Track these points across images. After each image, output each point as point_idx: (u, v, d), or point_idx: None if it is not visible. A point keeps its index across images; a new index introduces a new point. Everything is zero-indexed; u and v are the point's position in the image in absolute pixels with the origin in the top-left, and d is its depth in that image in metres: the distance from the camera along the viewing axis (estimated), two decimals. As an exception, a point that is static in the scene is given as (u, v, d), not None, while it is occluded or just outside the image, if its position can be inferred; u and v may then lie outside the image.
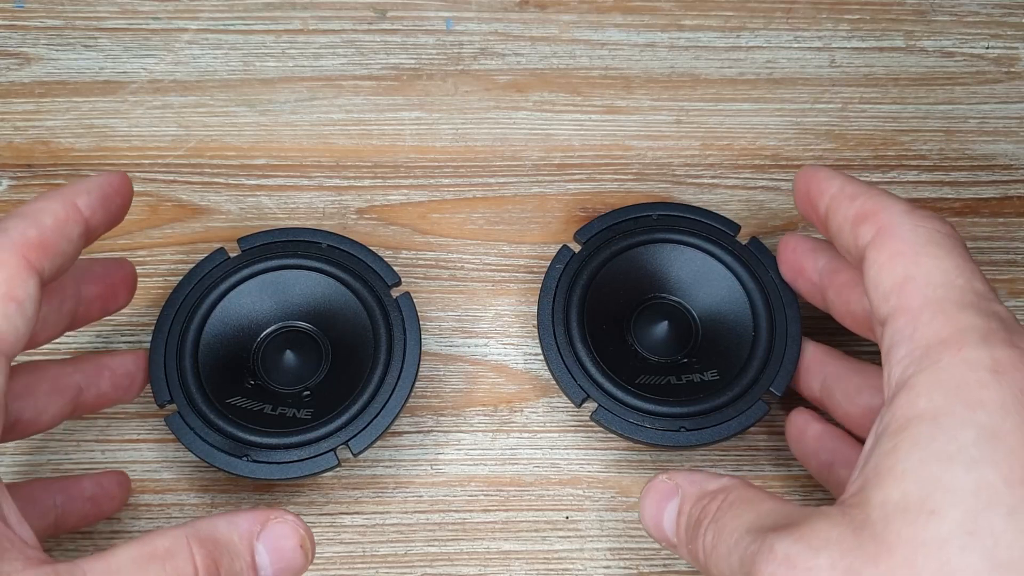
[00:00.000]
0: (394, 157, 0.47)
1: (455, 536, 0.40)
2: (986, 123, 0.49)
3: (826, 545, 0.26)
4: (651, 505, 0.33)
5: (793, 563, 0.26)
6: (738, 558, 0.28)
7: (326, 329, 0.41)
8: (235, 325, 0.40)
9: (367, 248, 0.41)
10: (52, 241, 0.30)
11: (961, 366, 0.27)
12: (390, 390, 0.38)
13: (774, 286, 0.40)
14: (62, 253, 0.31)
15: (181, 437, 0.37)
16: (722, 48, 0.49)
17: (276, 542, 0.29)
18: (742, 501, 0.30)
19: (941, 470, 0.26)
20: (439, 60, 0.49)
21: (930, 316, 0.29)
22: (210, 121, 0.47)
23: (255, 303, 0.40)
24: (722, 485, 0.31)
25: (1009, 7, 0.51)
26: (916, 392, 0.28)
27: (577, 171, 0.47)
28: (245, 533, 0.29)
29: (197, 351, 0.38)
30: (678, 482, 0.33)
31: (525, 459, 0.42)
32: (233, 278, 0.40)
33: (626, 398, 0.38)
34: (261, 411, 0.38)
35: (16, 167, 0.46)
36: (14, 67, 0.48)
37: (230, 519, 0.29)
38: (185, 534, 0.28)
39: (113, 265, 0.38)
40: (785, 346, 0.39)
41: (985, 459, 0.26)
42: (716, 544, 0.30)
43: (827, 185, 0.34)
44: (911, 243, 0.31)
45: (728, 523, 0.30)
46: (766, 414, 0.38)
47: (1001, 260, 0.46)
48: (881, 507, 0.26)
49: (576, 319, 0.40)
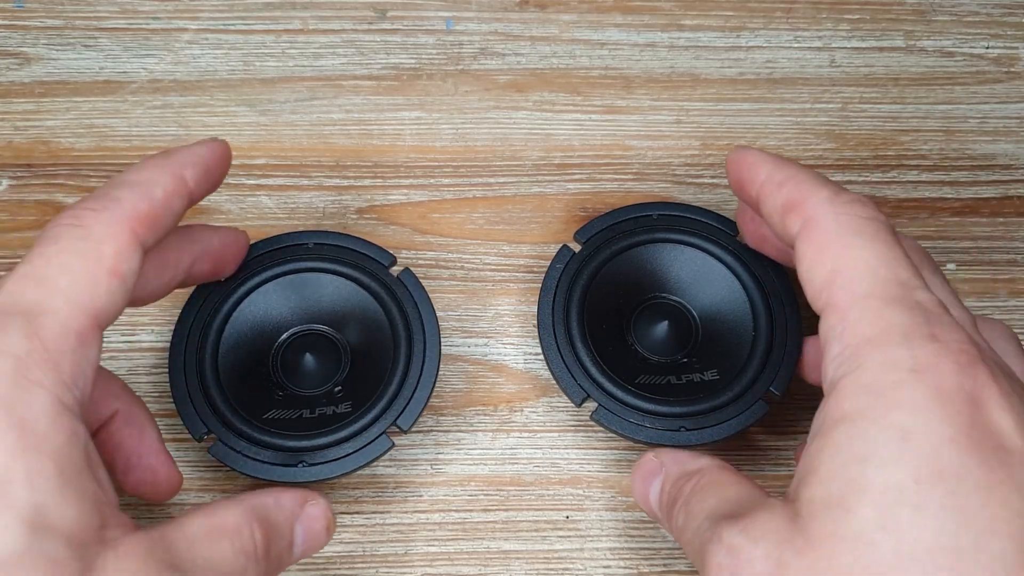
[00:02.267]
0: (394, 157, 0.47)
1: (455, 536, 0.40)
2: (986, 123, 0.49)
3: (764, 536, 0.28)
4: (639, 482, 0.35)
5: (736, 553, 0.29)
6: (699, 542, 0.31)
7: (338, 324, 0.41)
8: (248, 344, 0.40)
9: (353, 236, 0.41)
10: (160, 215, 0.31)
11: (882, 367, 0.29)
12: (420, 362, 0.39)
13: (774, 285, 0.40)
14: (165, 226, 0.32)
15: (230, 463, 0.37)
16: (722, 48, 0.49)
17: (310, 523, 0.33)
18: (711, 485, 0.32)
19: (857, 471, 0.28)
20: (439, 60, 0.49)
21: (857, 314, 0.30)
22: (210, 121, 0.48)
23: (261, 318, 0.40)
24: (699, 467, 0.33)
25: (1009, 7, 0.51)
26: (842, 395, 0.29)
27: (577, 171, 0.47)
28: (289, 515, 0.32)
29: (219, 377, 0.38)
30: (663, 460, 0.35)
31: (525, 459, 0.42)
32: (231, 300, 0.39)
33: (626, 398, 0.38)
34: (300, 417, 0.38)
35: (16, 167, 0.46)
36: (14, 67, 0.48)
37: (277, 500, 0.32)
38: (247, 512, 0.30)
39: (230, 240, 0.39)
40: (785, 345, 0.39)
41: (896, 459, 0.27)
42: (685, 526, 0.32)
43: (757, 171, 0.35)
44: (835, 234, 0.31)
45: (695, 507, 0.32)
46: (766, 414, 0.38)
47: (1001, 260, 0.46)
48: (808, 504, 0.28)
49: (576, 319, 0.40)
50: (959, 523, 0.27)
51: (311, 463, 0.37)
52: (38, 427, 0.27)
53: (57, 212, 0.45)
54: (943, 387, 0.28)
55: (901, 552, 0.26)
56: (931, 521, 0.27)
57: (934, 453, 0.27)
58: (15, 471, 0.26)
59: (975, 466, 0.27)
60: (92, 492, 0.27)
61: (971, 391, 0.28)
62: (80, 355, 0.28)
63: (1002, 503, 0.27)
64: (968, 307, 0.34)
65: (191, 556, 0.28)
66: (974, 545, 0.26)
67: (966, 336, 0.29)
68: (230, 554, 0.29)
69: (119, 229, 0.30)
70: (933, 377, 0.28)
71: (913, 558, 0.26)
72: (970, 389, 0.28)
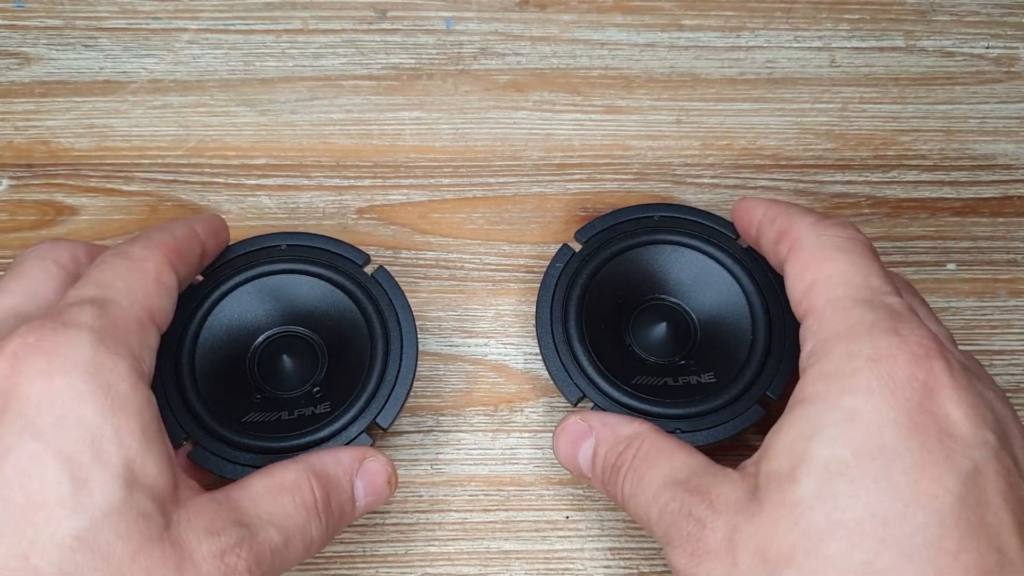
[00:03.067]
0: (394, 157, 0.47)
1: (455, 536, 0.40)
2: (986, 123, 0.49)
3: (726, 507, 0.31)
4: (565, 444, 0.37)
5: (703, 523, 0.31)
6: (657, 510, 0.33)
7: (314, 325, 0.40)
8: (224, 349, 0.39)
9: (325, 236, 0.41)
10: (183, 249, 0.36)
11: (843, 356, 0.31)
12: (397, 360, 0.38)
13: (773, 290, 0.40)
14: (189, 264, 0.36)
15: (210, 467, 0.37)
16: (722, 48, 0.49)
17: (370, 477, 0.35)
18: (657, 451, 0.35)
19: (804, 446, 0.30)
20: (439, 60, 0.49)
21: (830, 313, 0.33)
22: (210, 121, 0.48)
23: (236, 322, 0.40)
24: (635, 431, 0.36)
25: (1009, 7, 0.51)
26: (805, 380, 0.32)
27: (577, 171, 0.47)
28: (348, 469, 0.34)
29: (196, 383, 0.38)
30: (592, 424, 0.37)
31: (525, 459, 0.42)
32: (205, 305, 0.39)
33: (622, 398, 0.38)
34: (279, 419, 0.38)
35: (16, 167, 0.46)
36: (14, 67, 0.48)
37: (335, 456, 0.35)
38: (305, 469, 0.33)
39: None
40: (783, 350, 0.39)
41: (841, 436, 0.30)
42: (635, 492, 0.34)
43: (755, 212, 0.38)
44: (817, 251, 0.34)
45: (646, 474, 0.34)
46: (762, 417, 0.38)
47: (1001, 260, 0.46)
48: (764, 476, 0.31)
49: (574, 318, 0.40)
50: (889, 496, 0.29)
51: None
52: (121, 388, 0.30)
53: (57, 212, 0.45)
54: (896, 375, 0.30)
55: (832, 519, 0.29)
56: (863, 492, 0.29)
57: (877, 432, 0.30)
58: (104, 429, 0.29)
59: (915, 447, 0.29)
60: (168, 453, 0.31)
61: (924, 380, 0.30)
62: (143, 337, 0.32)
63: (933, 480, 0.29)
64: (968, 307, 0.34)
65: (256, 512, 0.31)
66: (900, 516, 0.29)
67: (929, 333, 0.31)
68: (291, 508, 0.32)
69: (155, 252, 0.34)
70: (887, 365, 0.30)
71: (842, 525, 0.29)
72: (923, 379, 0.30)
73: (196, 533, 0.30)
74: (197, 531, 0.30)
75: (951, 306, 0.45)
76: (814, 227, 0.35)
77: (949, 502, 0.29)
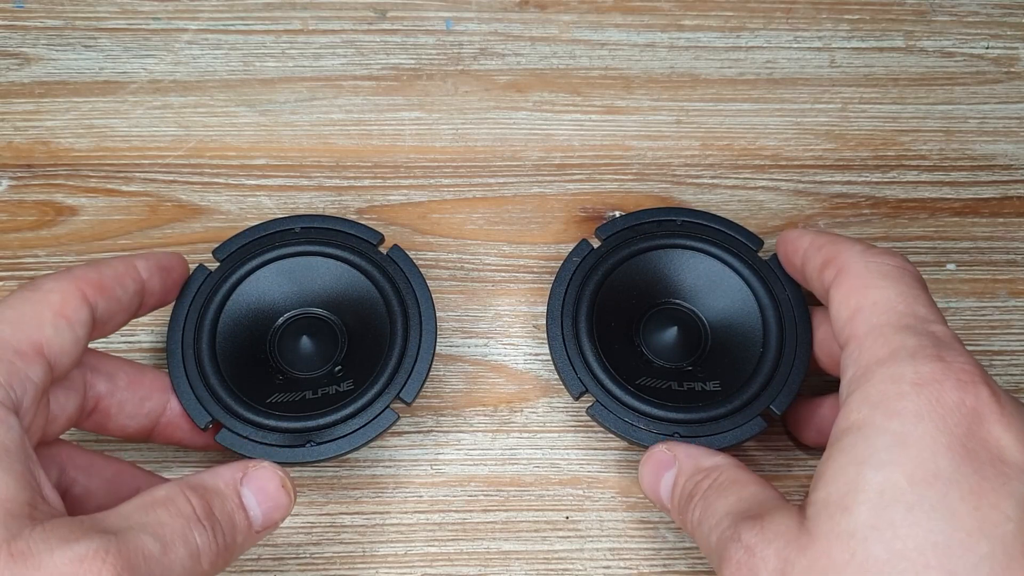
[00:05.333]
0: (394, 157, 0.47)
1: (455, 536, 0.40)
2: (986, 123, 0.49)
3: (776, 537, 0.30)
4: (649, 473, 0.36)
5: (752, 551, 0.31)
6: (716, 538, 0.32)
7: (332, 305, 0.41)
8: (244, 332, 0.40)
9: (338, 218, 0.41)
10: (108, 285, 0.35)
11: (887, 381, 0.31)
12: (417, 335, 0.39)
13: (789, 304, 0.40)
14: (116, 299, 0.35)
15: (237, 448, 0.37)
16: (722, 48, 0.49)
17: (259, 484, 0.33)
18: (730, 483, 0.34)
19: (856, 472, 0.29)
20: (439, 60, 0.49)
21: (872, 340, 0.32)
22: (210, 121, 0.48)
23: (255, 305, 0.40)
24: (715, 463, 0.35)
25: (1009, 7, 0.51)
26: (850, 407, 0.31)
27: (577, 171, 0.47)
28: (229, 480, 0.33)
29: (219, 367, 0.38)
30: (676, 454, 0.36)
31: (525, 459, 0.42)
32: (223, 290, 0.40)
33: (624, 397, 0.38)
34: (304, 398, 0.39)
35: (16, 167, 0.46)
36: (14, 67, 0.48)
37: (213, 471, 0.33)
38: (177, 484, 0.32)
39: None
40: (792, 366, 0.39)
41: (893, 462, 0.29)
42: (702, 520, 0.33)
43: (799, 244, 0.38)
44: (863, 277, 0.34)
45: (713, 503, 0.33)
46: (763, 430, 0.38)
47: (1001, 260, 0.46)
48: (814, 505, 0.30)
49: (585, 313, 0.40)
50: (949, 524, 0.28)
51: (319, 442, 0.37)
52: None
53: (57, 212, 0.45)
54: (944, 400, 0.30)
55: (893, 549, 0.28)
56: (922, 520, 0.28)
57: (930, 458, 0.29)
58: None
59: (970, 473, 0.28)
60: (22, 473, 0.30)
61: (972, 406, 0.30)
62: (18, 367, 0.31)
63: (992, 507, 0.28)
64: (968, 308, 0.34)
65: (126, 525, 0.30)
66: (962, 545, 0.28)
67: (972, 360, 0.31)
68: (166, 517, 0.30)
69: (68, 286, 0.34)
70: (934, 390, 0.30)
71: (903, 556, 0.28)
72: (972, 405, 0.30)
73: (48, 544, 0.28)
74: (50, 541, 0.28)
75: (951, 306, 0.45)
76: (862, 254, 0.35)
77: (1011, 530, 0.28)
